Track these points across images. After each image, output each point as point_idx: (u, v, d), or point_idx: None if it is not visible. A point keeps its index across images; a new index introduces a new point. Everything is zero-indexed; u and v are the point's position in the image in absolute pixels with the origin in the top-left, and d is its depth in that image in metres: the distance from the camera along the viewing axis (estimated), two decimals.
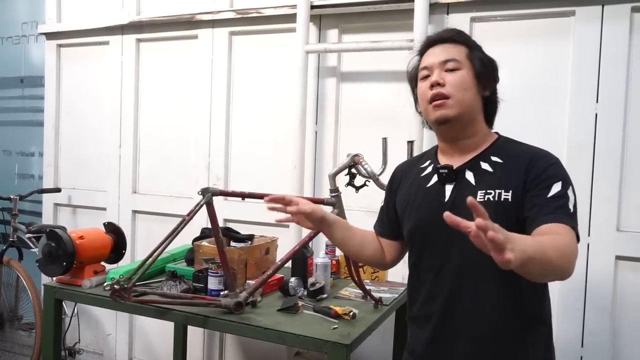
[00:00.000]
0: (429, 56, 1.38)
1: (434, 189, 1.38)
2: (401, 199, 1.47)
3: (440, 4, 2.36)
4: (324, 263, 2.10)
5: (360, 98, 2.59)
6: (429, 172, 1.42)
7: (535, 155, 1.30)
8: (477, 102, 1.36)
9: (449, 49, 1.36)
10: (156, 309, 1.88)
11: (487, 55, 1.39)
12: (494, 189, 1.28)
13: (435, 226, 1.32)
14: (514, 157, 1.32)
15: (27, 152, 3.72)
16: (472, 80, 1.33)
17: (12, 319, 3.29)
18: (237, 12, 2.77)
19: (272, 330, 1.70)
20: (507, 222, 1.18)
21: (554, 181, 1.24)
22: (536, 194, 1.24)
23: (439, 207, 1.33)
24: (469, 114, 1.34)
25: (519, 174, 1.27)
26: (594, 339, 2.19)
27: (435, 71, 1.34)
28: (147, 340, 3.15)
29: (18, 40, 3.74)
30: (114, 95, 3.18)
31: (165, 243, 1.80)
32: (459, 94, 1.31)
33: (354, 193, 1.97)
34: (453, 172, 1.34)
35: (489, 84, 1.38)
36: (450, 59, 1.33)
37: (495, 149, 1.36)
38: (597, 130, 2.17)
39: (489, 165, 1.33)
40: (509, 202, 1.26)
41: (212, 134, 2.91)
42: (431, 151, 1.50)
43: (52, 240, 2.07)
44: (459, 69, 1.33)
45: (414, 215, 1.41)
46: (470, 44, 1.37)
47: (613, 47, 2.14)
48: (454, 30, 1.40)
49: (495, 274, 1.23)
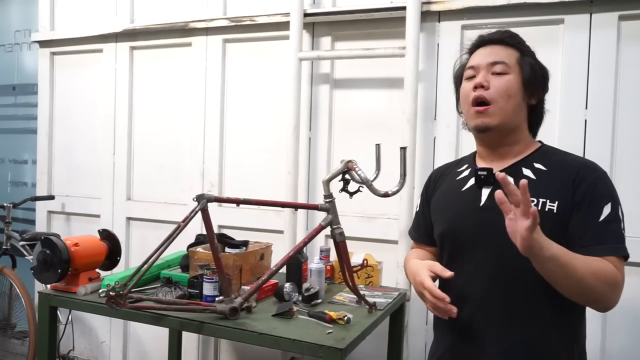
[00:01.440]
0: (477, 56, 1.32)
1: (470, 192, 1.33)
2: (435, 202, 1.43)
3: (432, 12, 2.40)
4: (319, 268, 2.11)
5: (353, 105, 2.61)
6: (465, 175, 1.38)
7: (582, 166, 1.26)
8: (522, 110, 1.30)
9: (499, 51, 1.30)
10: (152, 315, 1.88)
11: (539, 62, 1.33)
12: (537, 197, 1.22)
13: (468, 230, 1.30)
14: (559, 165, 1.27)
15: (20, 160, 3.72)
16: (519, 86, 1.28)
17: (5, 327, 3.28)
18: (230, 20, 2.79)
19: (267, 335, 1.71)
20: (550, 233, 1.15)
21: (604, 202, 1.20)
22: (586, 217, 1.20)
23: (474, 211, 1.29)
24: (512, 122, 1.28)
25: (566, 185, 1.22)
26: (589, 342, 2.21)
27: (482, 72, 1.28)
28: (142, 347, 3.15)
29: (11, 48, 3.74)
30: (108, 103, 3.19)
31: (161, 249, 1.80)
32: (502, 101, 1.26)
33: (348, 199, 1.99)
34: (492, 175, 1.28)
35: (537, 93, 1.32)
36: (498, 62, 1.27)
37: (539, 156, 1.31)
38: (586, 137, 2.21)
39: (532, 172, 1.27)
40: (554, 212, 1.21)
41: (206, 141, 2.92)
42: (469, 156, 1.45)
43: (46, 248, 2.07)
44: (506, 74, 1.27)
45: (447, 218, 1.36)
46: (522, 49, 1.32)
47: (601, 55, 2.18)
48: (507, 32, 1.34)
49: (529, 285, 1.21)
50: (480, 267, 1.27)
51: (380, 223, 2.52)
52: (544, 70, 1.34)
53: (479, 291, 1.27)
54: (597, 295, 1.16)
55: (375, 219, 2.51)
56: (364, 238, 2.52)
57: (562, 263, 1.10)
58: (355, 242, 2.42)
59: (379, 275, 2.37)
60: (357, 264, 2.29)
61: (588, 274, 1.12)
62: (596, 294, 1.15)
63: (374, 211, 2.51)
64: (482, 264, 1.28)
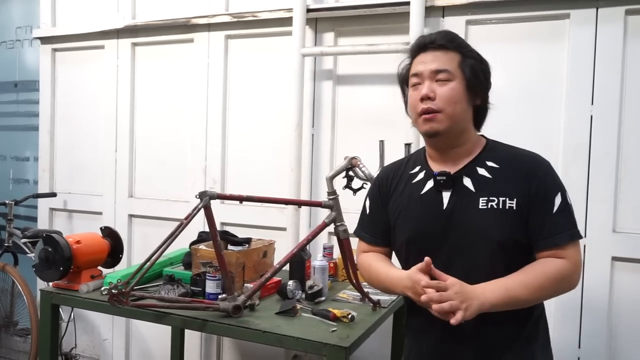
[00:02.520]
0: (420, 63, 1.34)
1: (430, 195, 1.35)
2: (394, 207, 1.43)
3: (436, 7, 2.38)
4: (322, 266, 2.10)
5: (356, 101, 2.60)
6: (421, 178, 1.39)
7: (531, 162, 1.32)
8: (468, 113, 1.34)
9: (440, 57, 1.32)
10: (154, 313, 1.87)
11: (480, 60, 1.35)
12: (496, 197, 1.29)
13: (435, 234, 1.33)
14: (509, 162, 1.32)
15: (22, 157, 3.71)
16: (463, 91, 1.31)
17: (8, 324, 3.27)
18: (232, 16, 2.77)
19: (270, 333, 1.70)
20: (513, 229, 1.27)
21: (555, 193, 1.28)
22: (542, 211, 1.27)
23: (438, 215, 1.33)
24: (459, 126, 1.33)
25: (520, 182, 1.29)
26: (591, 340, 2.20)
27: (426, 82, 1.31)
28: (144, 345, 3.14)
29: (12, 45, 3.72)
30: (110, 100, 3.18)
31: (163, 247, 1.79)
32: (449, 108, 1.29)
33: (352, 196, 1.98)
34: (451, 178, 1.33)
35: (480, 93, 1.35)
36: (441, 70, 1.30)
37: (488, 153, 1.36)
38: (592, 132, 2.19)
39: (486, 170, 1.32)
40: (514, 209, 1.27)
41: (208, 138, 2.91)
42: (419, 155, 1.46)
43: (48, 245, 2.06)
44: (449, 80, 1.30)
45: (410, 223, 1.38)
46: (462, 51, 1.34)
47: (608, 50, 2.15)
48: (447, 36, 1.36)
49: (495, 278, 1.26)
50: (449, 270, 1.28)
51: None
52: (485, 67, 1.36)
53: None
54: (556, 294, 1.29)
55: None
56: None
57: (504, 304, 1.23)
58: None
59: None
60: None
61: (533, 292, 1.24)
62: (554, 294, 1.29)
63: None
64: (451, 266, 1.29)
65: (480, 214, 1.28)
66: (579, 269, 1.29)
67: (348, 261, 1.95)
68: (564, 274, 1.25)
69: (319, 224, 1.94)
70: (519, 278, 1.24)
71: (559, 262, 1.26)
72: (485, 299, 1.20)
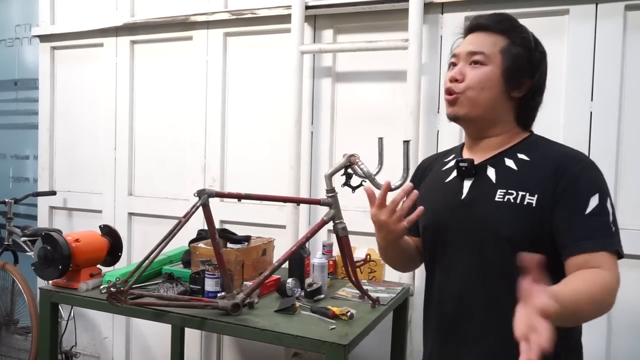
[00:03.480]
0: (463, 43, 1.28)
1: (452, 184, 1.30)
2: (420, 193, 1.36)
3: (435, 3, 2.37)
4: (321, 263, 2.10)
5: (356, 98, 2.59)
6: (450, 166, 1.34)
7: (566, 157, 1.19)
8: (502, 103, 1.24)
9: (482, 39, 1.24)
10: (153, 312, 1.87)
11: (533, 49, 1.25)
12: (516, 190, 1.18)
13: (448, 225, 1.28)
14: (543, 157, 1.21)
15: (21, 155, 3.71)
16: (497, 78, 1.21)
17: (8, 323, 3.28)
18: (231, 13, 2.76)
19: (269, 331, 1.70)
20: (527, 227, 1.15)
21: (590, 193, 1.13)
22: (571, 210, 1.14)
23: (455, 204, 1.27)
24: (488, 115, 1.24)
25: (547, 178, 1.17)
26: (591, 337, 2.19)
27: (460, 63, 1.25)
28: (144, 343, 3.14)
29: (11, 43, 3.72)
30: (109, 97, 3.17)
31: (162, 245, 1.79)
32: (472, 93, 1.21)
33: (351, 193, 1.97)
34: (473, 166, 1.25)
35: (522, 84, 1.24)
36: (477, 52, 1.22)
37: (524, 146, 1.25)
38: (592, 129, 2.18)
39: (514, 162, 1.22)
40: (532, 207, 1.16)
41: (207, 135, 2.90)
42: (458, 146, 1.41)
43: (47, 244, 2.06)
44: (484, 64, 1.22)
45: (427, 209, 1.30)
46: (511, 36, 1.24)
47: (607, 46, 2.15)
48: (498, 17, 1.27)
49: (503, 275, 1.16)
50: (460, 262, 1.25)
51: None
52: (538, 58, 1.25)
53: (460, 287, 1.23)
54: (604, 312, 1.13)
55: None
56: (367, 233, 2.49)
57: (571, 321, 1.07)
58: (358, 237, 2.40)
59: (382, 270, 2.35)
60: (360, 259, 2.27)
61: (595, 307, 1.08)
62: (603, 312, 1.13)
63: None
64: (462, 258, 1.25)
65: (495, 206, 1.19)
66: (617, 285, 1.12)
67: (347, 259, 1.95)
68: (610, 287, 1.09)
69: (318, 222, 1.93)
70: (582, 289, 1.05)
71: (603, 273, 1.09)
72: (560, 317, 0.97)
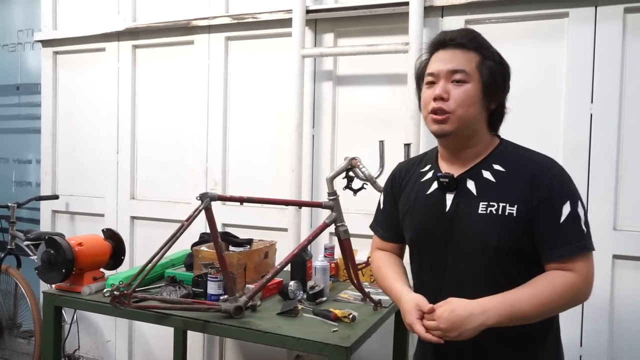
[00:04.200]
0: (437, 61, 1.30)
1: (435, 197, 1.34)
2: (402, 204, 1.43)
3: (435, 7, 2.38)
4: (323, 266, 2.11)
5: (356, 101, 2.60)
6: (429, 177, 1.38)
7: (538, 166, 1.26)
8: (481, 116, 1.30)
9: (458, 57, 1.27)
10: (156, 315, 1.88)
11: (499, 63, 1.31)
12: (497, 202, 1.25)
13: (436, 236, 1.32)
14: (516, 165, 1.28)
15: (24, 160, 3.72)
16: (479, 94, 1.27)
17: (11, 326, 3.29)
18: (233, 18, 2.78)
19: (272, 334, 1.70)
20: (511, 237, 1.23)
21: (563, 202, 1.22)
22: (546, 220, 1.22)
23: (440, 216, 1.32)
24: (470, 128, 1.29)
25: (524, 188, 1.23)
26: (593, 338, 2.20)
27: (441, 82, 1.27)
28: (147, 346, 3.15)
29: (14, 48, 3.74)
30: (111, 102, 3.19)
31: (165, 248, 1.80)
32: (460, 110, 1.25)
33: (352, 196, 1.98)
34: (454, 180, 1.30)
35: (497, 97, 1.31)
36: (458, 70, 1.26)
37: (497, 155, 1.31)
38: (592, 131, 2.19)
39: (491, 174, 1.28)
40: (513, 216, 1.23)
41: (209, 139, 2.91)
42: (432, 154, 1.44)
43: (51, 248, 2.07)
44: (465, 82, 1.25)
45: (415, 223, 1.38)
46: (482, 52, 1.29)
47: (607, 48, 2.16)
48: (469, 35, 1.31)
49: (492, 284, 1.23)
50: (449, 271, 1.29)
51: None
52: (505, 70, 1.32)
53: (452, 294, 1.26)
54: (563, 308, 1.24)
55: None
56: (369, 235, 2.48)
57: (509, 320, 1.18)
58: (359, 240, 2.40)
59: None
60: (362, 262, 2.28)
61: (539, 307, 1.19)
62: (561, 308, 1.24)
63: None
64: (451, 268, 1.30)
65: (479, 218, 1.25)
66: (589, 283, 1.24)
67: (349, 261, 1.95)
68: (572, 288, 1.21)
69: (320, 225, 1.94)
70: (525, 293, 1.19)
71: (567, 276, 1.20)
72: (486, 318, 1.17)
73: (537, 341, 1.30)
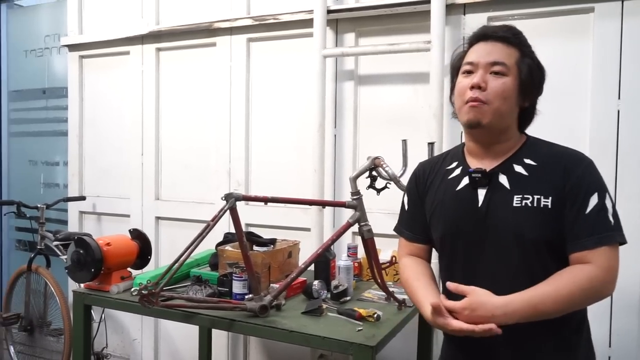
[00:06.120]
0: (477, 51, 1.30)
1: (465, 192, 1.33)
2: (430, 202, 1.42)
3: (457, 4, 2.36)
4: (347, 266, 2.11)
5: (378, 100, 2.60)
6: (457, 174, 1.37)
7: (569, 158, 1.27)
8: (514, 112, 1.31)
9: (500, 50, 1.27)
10: (183, 314, 1.91)
11: (538, 63, 1.32)
12: (531, 194, 1.25)
13: (469, 232, 1.31)
14: (548, 159, 1.28)
15: (52, 162, 3.81)
16: (515, 89, 1.27)
17: (42, 325, 3.35)
18: (254, 19, 2.80)
19: (297, 333, 1.71)
20: (547, 229, 1.23)
21: (590, 193, 1.22)
22: (573, 210, 1.22)
23: (473, 212, 1.31)
24: (503, 123, 1.29)
25: (557, 180, 1.24)
26: (622, 339, 2.16)
27: (480, 71, 1.27)
28: (172, 345, 3.19)
29: (41, 53, 3.83)
30: (135, 104, 3.24)
31: (192, 248, 1.82)
32: (497, 102, 1.25)
33: (375, 196, 1.98)
34: (486, 175, 1.30)
35: (531, 96, 1.32)
36: (498, 62, 1.26)
37: (527, 150, 1.32)
38: (619, 127, 2.15)
39: (523, 168, 1.29)
40: (549, 208, 1.23)
41: (232, 140, 2.94)
42: (457, 151, 1.44)
43: (80, 248, 2.12)
44: (504, 75, 1.26)
45: (445, 220, 1.36)
46: (523, 49, 1.30)
47: (634, 43, 2.11)
48: (510, 30, 1.31)
49: (530, 278, 1.22)
50: (482, 268, 1.28)
51: None
52: (541, 72, 1.33)
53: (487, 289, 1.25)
54: (586, 303, 1.24)
55: None
56: (392, 235, 2.46)
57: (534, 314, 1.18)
58: (383, 239, 2.40)
59: None
60: (386, 261, 2.28)
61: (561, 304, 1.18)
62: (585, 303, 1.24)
63: None
64: (484, 264, 1.29)
65: (514, 212, 1.25)
66: (610, 277, 1.21)
67: (373, 261, 1.95)
68: (593, 281, 1.19)
69: (343, 224, 1.95)
70: (547, 289, 1.19)
71: (587, 269, 1.19)
72: (507, 320, 1.16)
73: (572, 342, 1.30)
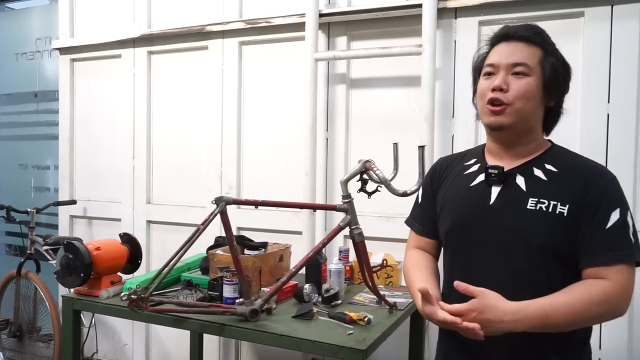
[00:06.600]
0: (499, 52, 1.27)
1: (479, 188, 1.31)
2: (442, 196, 1.40)
3: (448, 8, 2.37)
4: (338, 269, 2.11)
5: (370, 104, 2.60)
6: (474, 170, 1.35)
7: (593, 170, 1.24)
8: (539, 112, 1.28)
9: (521, 50, 1.25)
10: (173, 318, 1.90)
11: (563, 60, 1.28)
12: (548, 199, 1.21)
13: (476, 228, 1.29)
14: (570, 168, 1.25)
15: (42, 166, 3.79)
16: (539, 89, 1.24)
17: (31, 330, 3.32)
18: (246, 22, 2.80)
19: (288, 337, 1.71)
20: (557, 237, 1.19)
21: (612, 208, 1.19)
22: (593, 223, 1.19)
23: (483, 208, 1.28)
24: (526, 124, 1.26)
25: (577, 190, 1.21)
26: (612, 341, 2.17)
27: (501, 73, 1.25)
28: (164, 349, 3.17)
29: (32, 56, 3.81)
30: (127, 107, 3.23)
31: (181, 252, 1.81)
32: (519, 103, 1.23)
33: (366, 199, 1.98)
34: (503, 174, 1.27)
35: (556, 94, 1.28)
36: (520, 63, 1.23)
37: (550, 156, 1.29)
38: (609, 131, 2.16)
39: (543, 173, 1.26)
40: (564, 216, 1.20)
41: (223, 143, 2.93)
42: (477, 150, 1.42)
43: (69, 252, 2.10)
44: (526, 75, 1.23)
45: (453, 213, 1.34)
46: (546, 47, 1.26)
47: (623, 47, 2.13)
48: (532, 29, 1.28)
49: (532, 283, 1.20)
50: (487, 266, 1.26)
51: (399, 222, 2.47)
52: (566, 69, 1.29)
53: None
54: (599, 320, 1.21)
55: (394, 219, 2.49)
56: (383, 238, 2.51)
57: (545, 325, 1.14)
58: (374, 242, 2.41)
59: (398, 275, 2.35)
60: (377, 264, 2.27)
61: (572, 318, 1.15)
62: (601, 319, 1.21)
63: (393, 211, 2.49)
64: (489, 262, 1.26)
65: (527, 214, 1.22)
66: (625, 295, 1.17)
67: (364, 264, 1.95)
68: (609, 297, 1.15)
69: (334, 228, 1.94)
70: (563, 299, 1.14)
71: (603, 285, 1.15)
72: (515, 327, 1.13)
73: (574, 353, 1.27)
